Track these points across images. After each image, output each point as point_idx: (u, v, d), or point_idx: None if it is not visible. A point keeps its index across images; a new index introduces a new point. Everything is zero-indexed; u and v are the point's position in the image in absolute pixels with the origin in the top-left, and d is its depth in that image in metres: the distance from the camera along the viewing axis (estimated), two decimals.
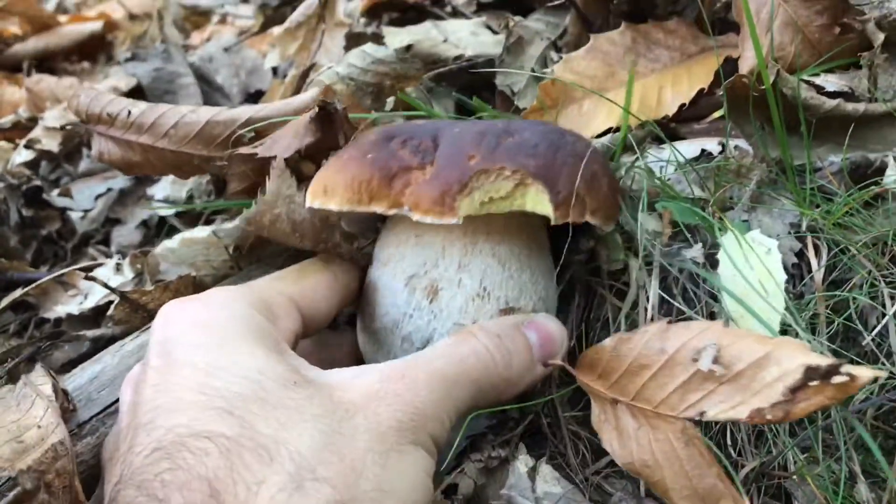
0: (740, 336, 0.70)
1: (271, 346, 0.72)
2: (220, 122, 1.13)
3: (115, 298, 1.04)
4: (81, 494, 0.77)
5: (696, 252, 0.91)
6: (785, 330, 0.87)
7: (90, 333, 1.07)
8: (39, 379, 0.89)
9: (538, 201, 0.84)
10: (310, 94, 1.10)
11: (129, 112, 1.13)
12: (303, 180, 0.94)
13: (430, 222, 0.81)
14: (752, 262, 0.89)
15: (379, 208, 0.84)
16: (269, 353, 0.70)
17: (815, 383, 0.62)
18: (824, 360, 0.63)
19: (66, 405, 0.86)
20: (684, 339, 0.72)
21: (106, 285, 1.01)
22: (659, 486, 0.72)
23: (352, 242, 0.95)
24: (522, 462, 0.74)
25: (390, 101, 1.26)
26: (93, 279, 1.01)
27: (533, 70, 1.22)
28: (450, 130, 0.89)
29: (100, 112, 1.16)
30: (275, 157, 0.91)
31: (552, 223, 0.85)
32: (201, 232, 1.09)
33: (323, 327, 0.91)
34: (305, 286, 0.87)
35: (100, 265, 1.28)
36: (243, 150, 1.05)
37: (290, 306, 0.82)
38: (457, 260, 0.88)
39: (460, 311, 0.87)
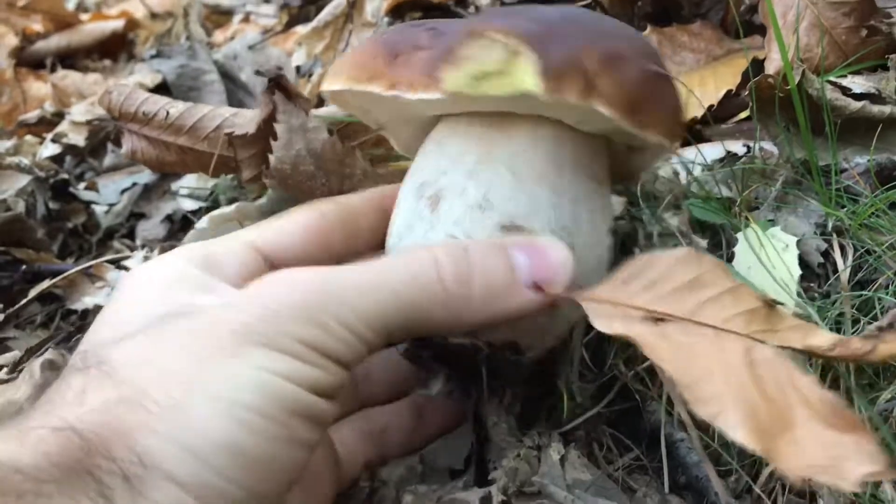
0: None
1: (184, 289, 0.68)
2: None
3: None
4: None
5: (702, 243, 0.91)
6: None
7: None
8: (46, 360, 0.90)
9: (525, 72, 0.67)
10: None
11: (168, 112, 1.13)
12: None
13: (415, 99, 0.70)
14: (771, 257, 0.89)
15: (376, 88, 0.72)
16: (167, 296, 0.67)
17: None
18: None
19: None
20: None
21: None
22: (711, 405, 0.60)
23: (373, 165, 0.90)
24: (555, 450, 0.74)
25: None
26: (125, 268, 1.03)
27: None
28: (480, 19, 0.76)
29: (134, 110, 1.17)
30: (245, 134, 0.90)
31: (542, 99, 0.68)
32: (229, 208, 1.10)
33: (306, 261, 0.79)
34: (269, 227, 0.81)
35: (128, 257, 1.30)
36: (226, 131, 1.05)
37: (242, 251, 0.76)
38: (469, 167, 0.75)
39: (455, 223, 0.74)
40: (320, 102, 1.28)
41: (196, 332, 0.61)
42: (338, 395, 0.64)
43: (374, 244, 0.83)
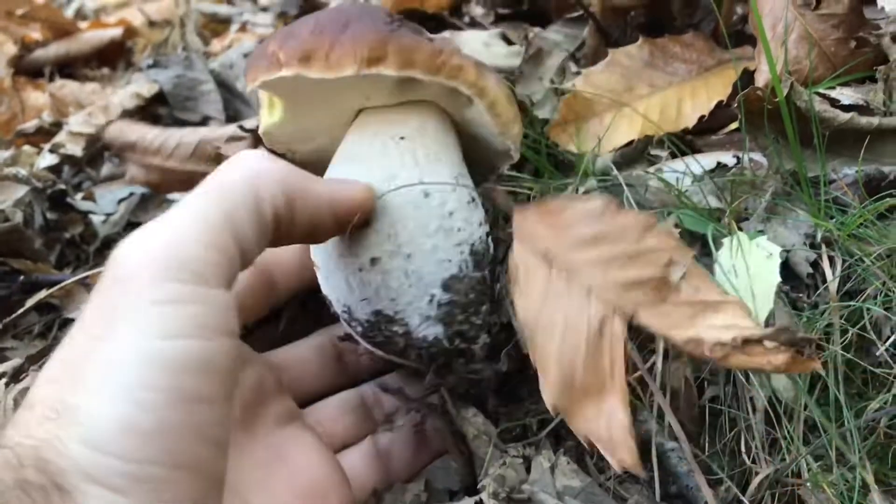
0: (703, 276, 0.68)
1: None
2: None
3: None
4: None
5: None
6: None
7: None
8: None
9: None
10: None
11: (167, 142, 1.14)
12: None
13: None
14: (751, 265, 0.90)
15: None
16: None
17: (771, 345, 0.60)
18: (760, 328, 0.62)
19: None
20: (663, 246, 0.68)
21: None
22: (542, 357, 0.66)
23: None
24: (545, 457, 0.75)
25: None
26: None
27: (552, 81, 1.25)
28: None
29: (135, 140, 1.17)
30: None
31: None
32: None
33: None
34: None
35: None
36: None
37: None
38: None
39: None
40: None
41: (74, 330, 0.60)
42: (228, 329, 0.61)
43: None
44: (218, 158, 1.10)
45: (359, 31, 0.76)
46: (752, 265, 0.87)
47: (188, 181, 1.17)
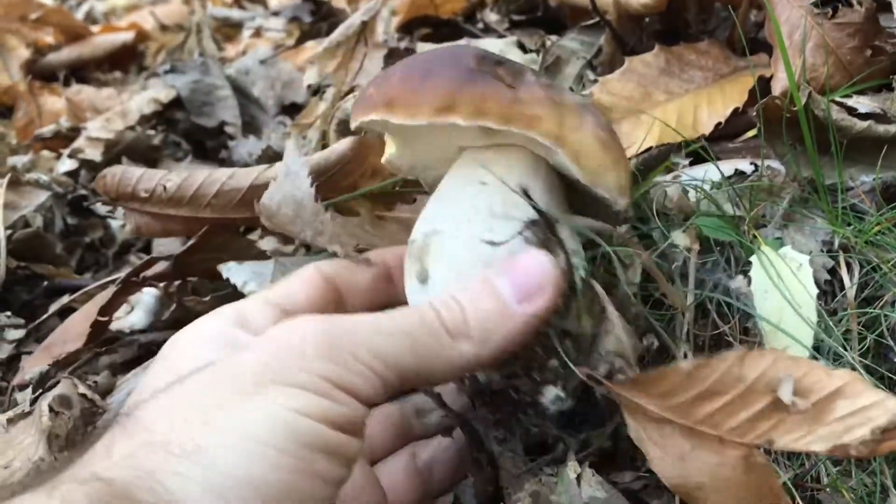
0: (809, 367, 0.71)
1: (227, 348, 0.71)
2: (262, 184, 1.11)
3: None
4: None
5: (739, 283, 0.93)
6: (818, 346, 0.89)
7: (143, 338, 1.11)
8: (54, 392, 0.91)
9: None
10: (345, 143, 1.12)
11: (165, 187, 1.14)
12: None
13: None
14: (785, 278, 0.92)
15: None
16: (213, 356, 0.69)
17: None
18: (891, 398, 0.65)
19: (88, 408, 0.89)
20: (762, 369, 0.72)
21: (164, 291, 1.05)
22: None
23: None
24: (571, 468, 0.76)
25: None
26: (153, 285, 1.06)
27: (571, 89, 1.26)
28: None
29: (132, 190, 1.18)
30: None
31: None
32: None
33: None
34: (281, 286, 0.85)
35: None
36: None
37: (263, 306, 0.80)
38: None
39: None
40: (345, 129, 1.30)
41: (217, 377, 0.63)
42: (360, 432, 0.65)
43: (374, 302, 0.88)
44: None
45: (437, 79, 0.78)
46: (785, 278, 0.88)
47: (225, 226, 1.18)
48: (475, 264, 0.79)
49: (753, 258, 0.93)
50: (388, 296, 0.89)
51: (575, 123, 0.79)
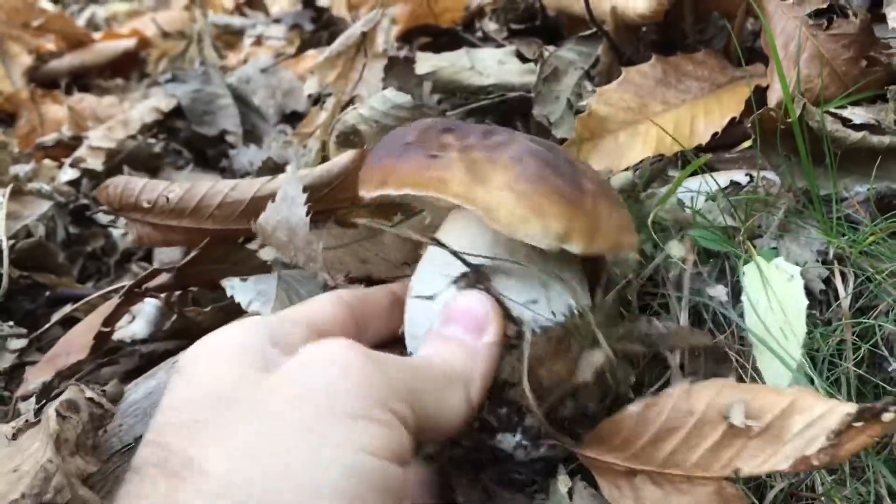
0: (758, 390, 0.72)
1: (261, 368, 0.70)
2: (264, 196, 1.13)
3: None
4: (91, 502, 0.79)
5: (719, 291, 0.94)
6: (812, 356, 0.90)
7: (144, 349, 1.12)
8: (61, 398, 0.91)
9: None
10: (347, 156, 1.13)
11: (168, 198, 1.15)
12: None
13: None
14: (776, 288, 0.92)
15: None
16: (250, 376, 0.68)
17: (859, 424, 0.64)
18: (848, 406, 0.66)
19: (96, 412, 0.89)
20: (709, 398, 0.73)
21: (165, 301, 1.06)
22: None
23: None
24: (562, 483, 0.77)
25: None
26: (154, 295, 1.07)
27: (569, 100, 1.27)
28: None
29: (134, 200, 1.19)
30: None
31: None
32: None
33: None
34: (312, 306, 0.86)
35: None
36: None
37: (292, 327, 0.81)
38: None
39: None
40: (345, 140, 1.31)
41: (276, 415, 0.62)
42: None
43: (390, 329, 0.92)
44: None
45: (379, 158, 0.88)
46: (777, 289, 0.89)
47: (226, 237, 1.19)
48: (423, 320, 0.86)
49: (746, 268, 0.94)
50: (402, 322, 0.91)
51: (485, 179, 0.82)
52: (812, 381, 0.87)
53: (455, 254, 0.84)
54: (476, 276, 0.84)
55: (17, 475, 0.81)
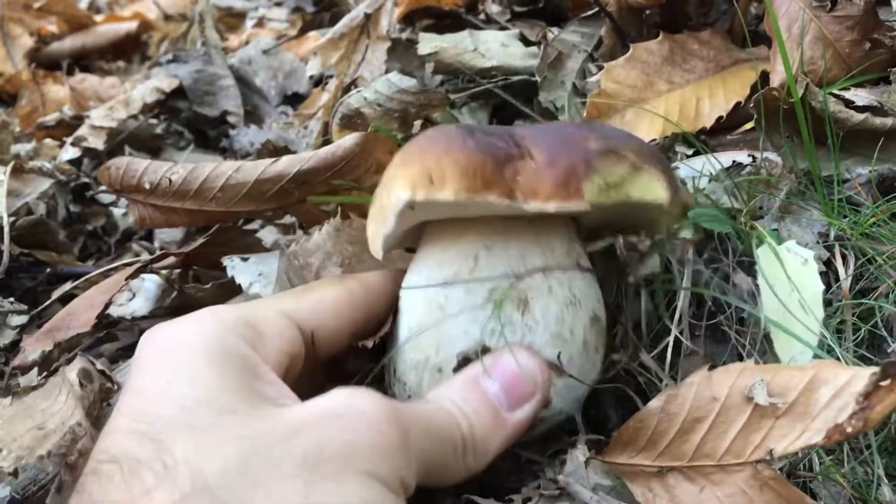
0: (778, 369, 0.71)
1: (235, 370, 0.67)
2: (268, 178, 1.12)
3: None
4: None
5: (741, 279, 0.96)
6: (822, 342, 0.90)
7: (144, 325, 1.12)
8: (76, 366, 0.91)
9: (651, 187, 0.79)
10: (352, 138, 1.11)
11: (171, 180, 1.14)
12: None
13: (554, 210, 0.74)
14: (790, 273, 0.92)
15: (492, 197, 0.74)
16: (225, 378, 0.66)
17: (886, 382, 0.63)
18: (871, 368, 0.65)
19: (106, 385, 0.89)
20: (731, 382, 0.72)
21: (166, 278, 1.06)
22: None
23: None
24: (581, 452, 0.77)
25: (417, 124, 1.31)
26: (155, 271, 1.06)
27: (574, 84, 1.27)
28: (522, 129, 0.83)
29: (136, 182, 1.18)
30: None
31: (665, 207, 0.80)
32: None
33: (339, 347, 0.85)
34: (307, 301, 0.82)
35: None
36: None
37: (284, 324, 0.77)
38: (540, 266, 0.82)
39: (557, 321, 0.81)
40: (347, 121, 1.31)
41: (292, 450, 0.60)
42: None
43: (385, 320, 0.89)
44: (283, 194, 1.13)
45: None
46: (791, 273, 0.88)
47: (210, 219, 1.18)
48: (424, 316, 0.83)
49: (758, 253, 0.94)
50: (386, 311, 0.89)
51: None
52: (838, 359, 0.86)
53: None
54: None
55: (42, 433, 0.81)
